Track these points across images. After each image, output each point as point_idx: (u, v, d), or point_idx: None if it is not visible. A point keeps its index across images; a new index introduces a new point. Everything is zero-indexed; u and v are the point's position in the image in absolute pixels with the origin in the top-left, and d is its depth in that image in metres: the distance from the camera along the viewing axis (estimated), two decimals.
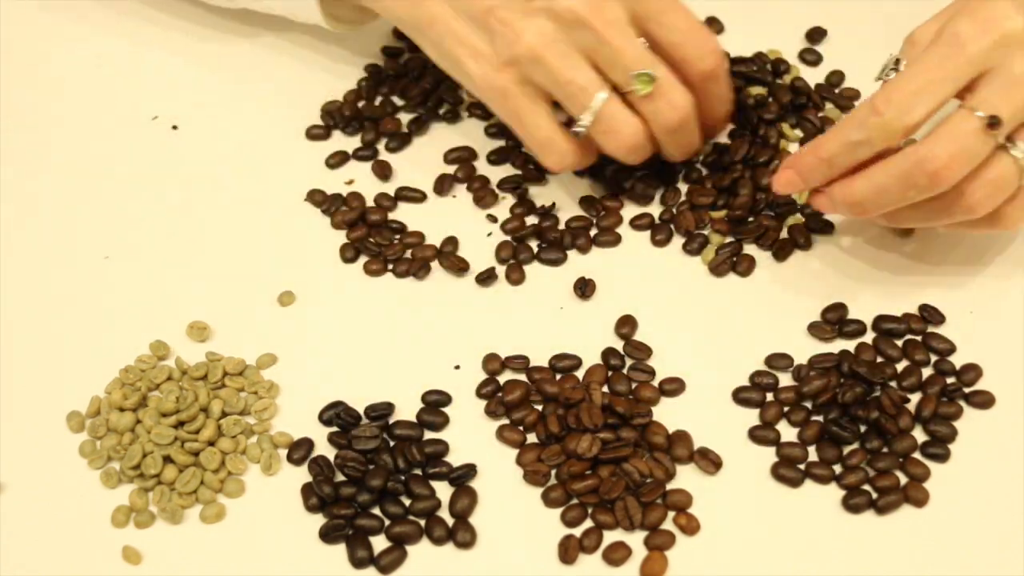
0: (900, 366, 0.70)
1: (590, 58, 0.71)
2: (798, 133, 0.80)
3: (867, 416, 0.66)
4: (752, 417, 0.68)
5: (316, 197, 0.79)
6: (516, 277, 0.74)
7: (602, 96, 0.71)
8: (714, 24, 0.87)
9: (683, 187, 0.78)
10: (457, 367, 0.70)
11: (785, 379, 0.69)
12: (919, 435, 0.67)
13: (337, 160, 0.81)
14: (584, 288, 0.73)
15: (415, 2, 0.75)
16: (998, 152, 0.65)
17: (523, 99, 0.73)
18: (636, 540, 0.63)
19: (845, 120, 0.68)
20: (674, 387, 0.69)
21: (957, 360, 0.69)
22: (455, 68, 0.76)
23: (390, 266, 0.75)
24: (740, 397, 0.68)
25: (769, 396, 0.69)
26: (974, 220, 0.68)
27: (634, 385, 0.69)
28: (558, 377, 0.69)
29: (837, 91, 0.83)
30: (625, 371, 0.69)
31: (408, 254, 0.75)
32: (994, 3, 0.66)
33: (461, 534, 0.63)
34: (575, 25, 0.71)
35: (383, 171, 0.80)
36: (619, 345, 0.71)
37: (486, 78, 0.73)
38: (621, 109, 0.72)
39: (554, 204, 0.77)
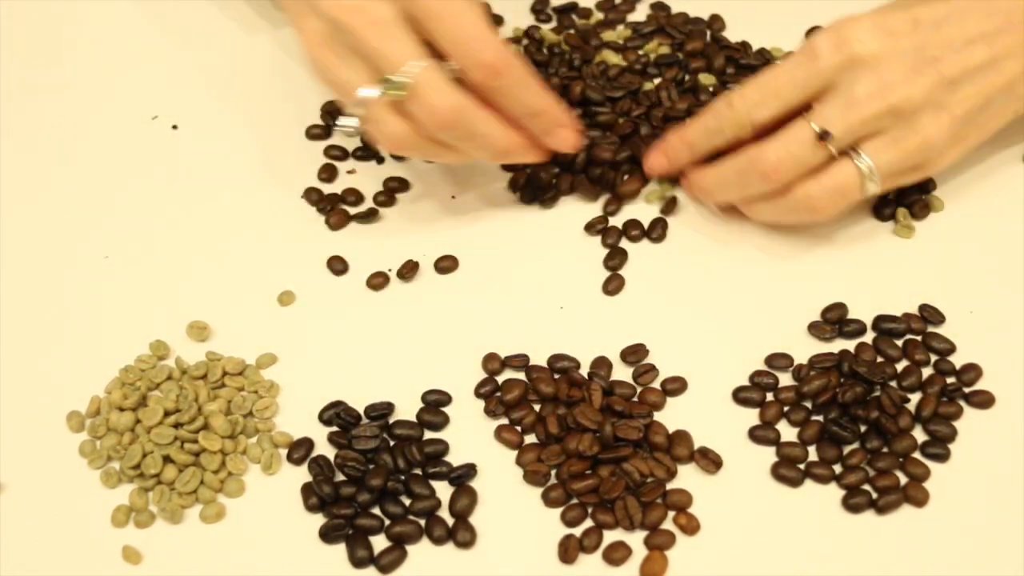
0: (900, 366, 0.70)
1: (359, 56, 0.71)
2: None
3: (867, 416, 0.66)
4: (752, 417, 0.68)
5: (312, 196, 0.79)
6: None
7: (364, 93, 0.70)
8: (716, 22, 0.88)
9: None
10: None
11: (785, 379, 0.69)
12: (919, 435, 0.67)
13: (338, 154, 0.81)
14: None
15: None
16: (841, 160, 0.71)
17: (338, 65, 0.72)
18: (636, 540, 0.63)
19: (707, 108, 0.74)
20: (675, 387, 0.69)
21: (957, 360, 0.69)
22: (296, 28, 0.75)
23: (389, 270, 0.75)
24: (740, 397, 0.68)
25: (769, 396, 0.69)
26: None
27: (639, 390, 0.69)
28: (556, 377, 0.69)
29: None
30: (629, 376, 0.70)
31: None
32: (854, 25, 0.71)
33: (461, 534, 0.63)
34: (338, 25, 0.70)
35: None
36: (618, 349, 0.71)
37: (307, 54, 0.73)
38: (383, 109, 0.70)
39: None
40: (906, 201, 0.76)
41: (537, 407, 0.68)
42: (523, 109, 0.72)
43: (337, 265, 0.75)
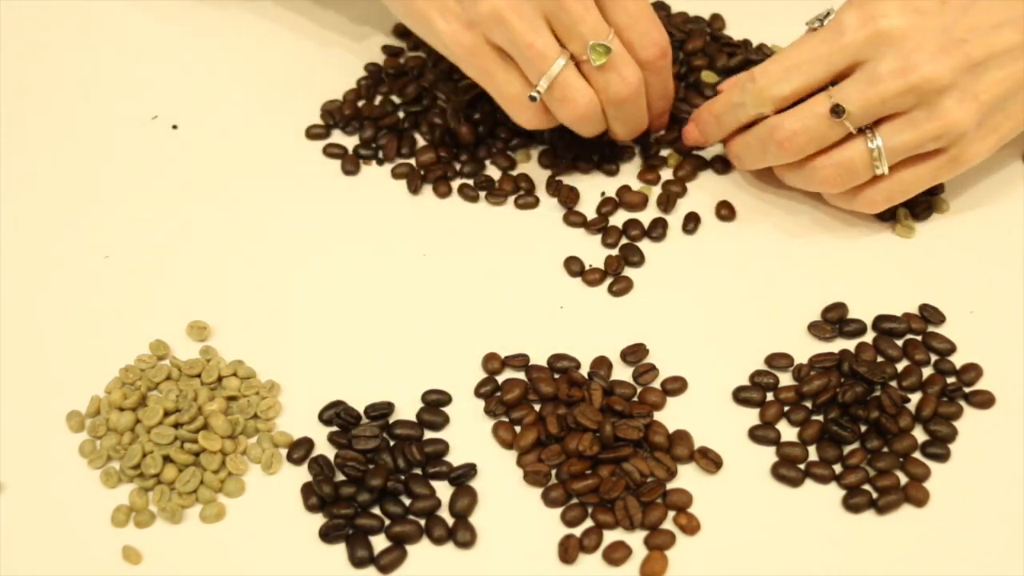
0: (900, 366, 0.70)
1: (551, 24, 0.72)
2: None
3: (867, 416, 0.66)
4: (752, 417, 0.68)
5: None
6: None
7: (560, 63, 0.72)
8: (716, 21, 0.88)
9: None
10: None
11: (785, 379, 0.69)
12: (919, 435, 0.67)
13: (338, 152, 0.81)
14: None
15: None
16: (855, 138, 0.71)
17: (491, 57, 0.74)
18: (636, 540, 0.63)
19: (733, 82, 0.76)
20: (676, 386, 0.69)
21: (957, 360, 0.70)
22: (423, 26, 0.76)
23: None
24: (740, 397, 0.68)
25: (769, 396, 0.69)
26: (840, 195, 0.74)
27: (639, 389, 0.69)
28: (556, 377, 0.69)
29: None
30: (629, 376, 0.70)
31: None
32: (882, 1, 0.70)
33: (461, 534, 0.63)
34: None
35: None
36: (618, 350, 0.71)
37: (454, 35, 0.74)
38: (577, 78, 0.73)
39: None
40: (908, 201, 0.76)
41: (537, 407, 0.68)
42: (665, 92, 0.78)
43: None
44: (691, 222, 0.77)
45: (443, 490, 0.65)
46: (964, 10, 0.70)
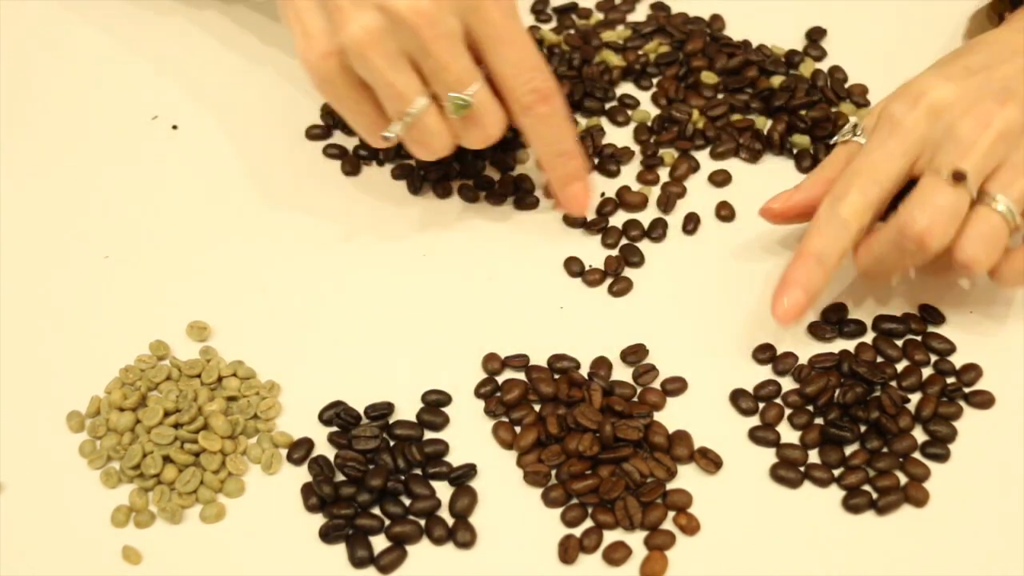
0: (900, 366, 0.70)
1: (415, 65, 0.70)
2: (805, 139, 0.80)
3: (867, 416, 0.66)
4: (752, 417, 0.68)
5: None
6: None
7: (420, 103, 0.70)
8: (716, 21, 0.88)
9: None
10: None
11: (785, 380, 0.69)
12: (919, 435, 0.67)
13: (338, 152, 0.81)
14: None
15: None
16: (979, 207, 0.67)
17: (345, 88, 0.71)
18: (636, 540, 0.63)
19: (816, 217, 0.69)
20: (676, 386, 0.69)
21: (957, 360, 0.70)
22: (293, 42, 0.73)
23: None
24: (740, 406, 0.68)
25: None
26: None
27: (639, 390, 0.69)
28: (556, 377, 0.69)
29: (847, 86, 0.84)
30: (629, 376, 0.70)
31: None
32: (917, 81, 0.70)
33: (461, 534, 0.63)
34: (404, 29, 0.68)
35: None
36: (618, 351, 0.71)
37: (309, 60, 0.71)
38: (436, 121, 0.71)
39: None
40: None
41: (537, 407, 0.68)
42: (552, 145, 0.73)
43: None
44: (691, 222, 0.77)
45: (443, 490, 0.65)
46: (987, 68, 0.69)
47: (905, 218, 0.66)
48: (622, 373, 0.70)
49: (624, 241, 0.76)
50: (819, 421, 0.67)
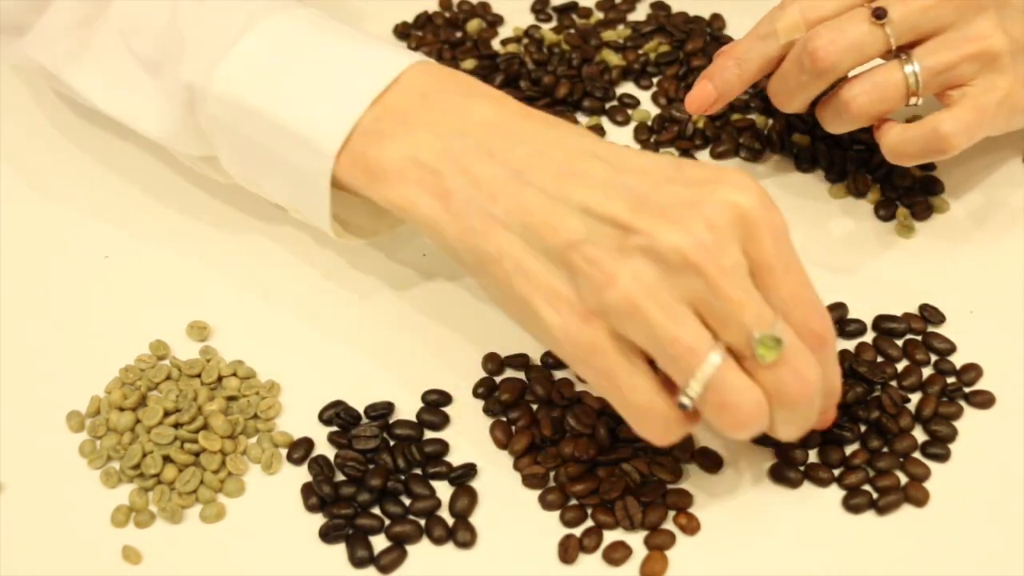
0: (900, 366, 0.70)
1: (699, 312, 0.57)
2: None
3: (867, 416, 0.66)
4: None
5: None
6: None
7: (715, 360, 0.57)
8: (716, 21, 0.88)
9: None
10: None
11: None
12: (919, 435, 0.67)
13: None
14: None
15: (477, 230, 0.60)
16: (892, 61, 0.68)
17: (616, 356, 0.58)
18: (636, 540, 0.63)
19: (757, 23, 0.71)
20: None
21: (957, 360, 0.69)
22: (527, 316, 0.60)
23: None
24: None
25: None
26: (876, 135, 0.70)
27: None
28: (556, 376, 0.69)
29: None
30: None
31: None
32: None
33: (461, 534, 0.63)
34: (683, 270, 0.56)
35: None
36: None
37: (568, 330, 0.58)
38: (740, 377, 0.57)
39: None
40: (908, 201, 0.76)
41: (535, 407, 0.68)
42: (830, 388, 0.61)
43: None
44: None
45: (443, 490, 0.65)
46: None
47: (812, 33, 0.67)
48: None
49: None
50: None
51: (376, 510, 0.64)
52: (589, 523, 0.64)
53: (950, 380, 0.69)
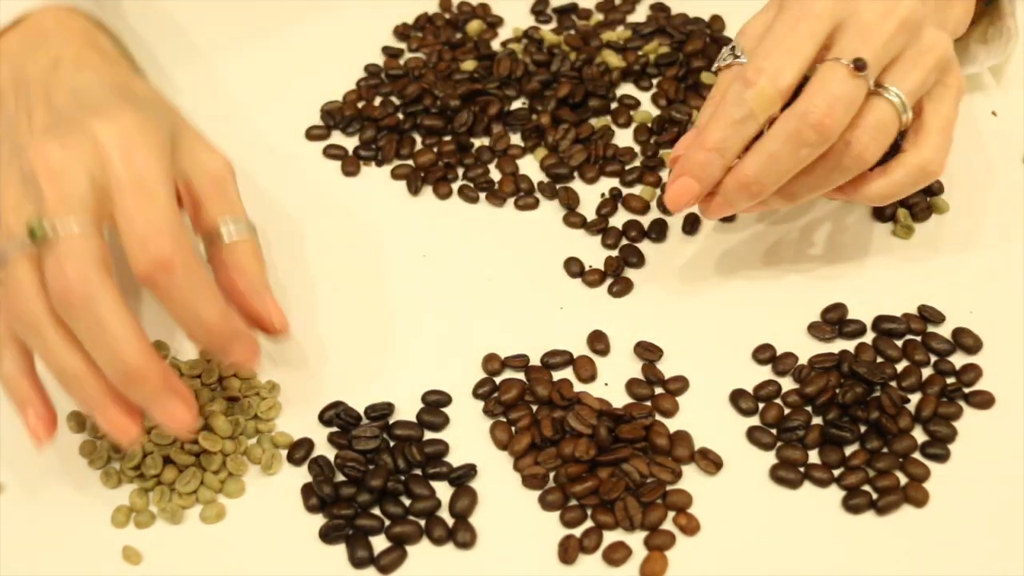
0: (900, 366, 0.70)
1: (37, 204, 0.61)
2: None
3: (867, 416, 0.66)
4: (752, 417, 0.68)
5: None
6: None
7: (20, 242, 0.61)
8: (716, 22, 0.88)
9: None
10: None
11: (785, 380, 0.69)
12: (919, 435, 0.67)
13: (338, 153, 0.81)
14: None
15: None
16: (873, 98, 0.67)
17: None
18: (636, 540, 0.63)
19: (721, 105, 0.68)
20: (676, 387, 0.69)
21: (957, 360, 0.70)
22: None
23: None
24: (740, 406, 0.68)
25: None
26: (867, 183, 0.69)
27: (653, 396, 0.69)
28: (555, 376, 0.69)
29: None
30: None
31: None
32: None
33: (461, 534, 0.63)
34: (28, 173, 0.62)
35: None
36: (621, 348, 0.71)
37: None
38: (23, 260, 0.61)
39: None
40: (908, 202, 0.76)
41: (535, 407, 0.68)
42: (190, 320, 0.62)
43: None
44: (691, 223, 0.77)
45: (443, 490, 0.65)
46: None
47: (805, 106, 0.66)
48: (624, 372, 0.70)
49: (624, 242, 0.76)
50: (819, 421, 0.67)
51: (376, 510, 0.64)
52: (589, 523, 0.64)
53: (950, 380, 0.69)
